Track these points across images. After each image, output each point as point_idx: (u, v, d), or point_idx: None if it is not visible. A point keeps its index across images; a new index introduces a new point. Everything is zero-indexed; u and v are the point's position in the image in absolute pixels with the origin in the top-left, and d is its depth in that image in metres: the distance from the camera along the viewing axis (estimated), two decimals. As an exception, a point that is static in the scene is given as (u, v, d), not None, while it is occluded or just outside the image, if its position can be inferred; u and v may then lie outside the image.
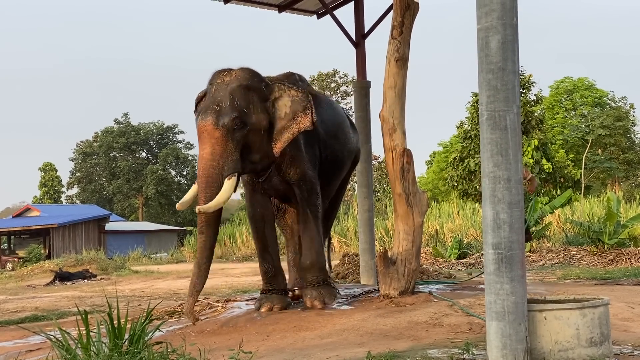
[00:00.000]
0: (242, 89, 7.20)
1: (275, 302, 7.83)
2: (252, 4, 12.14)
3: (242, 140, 7.13)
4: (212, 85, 7.30)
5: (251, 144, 7.25)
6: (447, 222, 26.41)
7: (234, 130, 7.05)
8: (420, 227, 7.88)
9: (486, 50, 4.74)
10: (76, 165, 60.88)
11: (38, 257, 32.47)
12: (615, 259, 14.53)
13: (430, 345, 5.70)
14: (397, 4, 7.83)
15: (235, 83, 7.21)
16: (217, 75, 7.34)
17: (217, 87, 7.24)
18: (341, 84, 50.97)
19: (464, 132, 32.91)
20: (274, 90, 7.45)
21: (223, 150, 7.02)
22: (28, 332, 7.76)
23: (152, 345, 5.17)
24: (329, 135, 8.26)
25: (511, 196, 4.68)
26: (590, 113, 44.19)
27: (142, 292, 15.25)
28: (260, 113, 7.26)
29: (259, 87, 7.37)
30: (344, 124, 8.83)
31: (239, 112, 7.07)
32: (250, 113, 7.17)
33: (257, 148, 7.30)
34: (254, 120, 7.19)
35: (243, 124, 7.10)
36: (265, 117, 7.29)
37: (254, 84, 7.32)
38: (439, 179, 45.88)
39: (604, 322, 4.93)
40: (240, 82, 7.22)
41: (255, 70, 7.52)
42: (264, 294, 7.96)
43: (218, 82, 7.27)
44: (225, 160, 7.03)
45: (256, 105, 7.26)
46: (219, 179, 7.01)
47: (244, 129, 7.11)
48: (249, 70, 7.42)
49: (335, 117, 8.64)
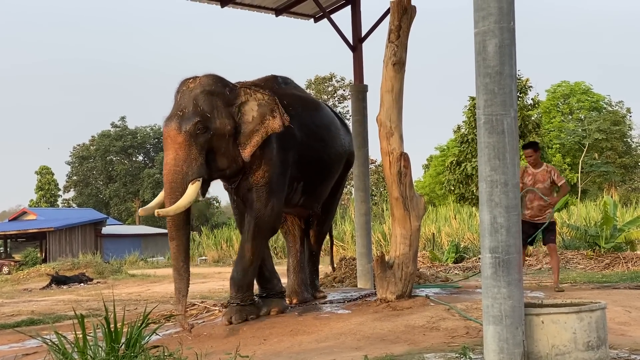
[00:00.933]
0: (205, 95, 7.20)
1: (272, 305, 7.83)
2: (249, 7, 12.13)
3: (206, 145, 7.13)
4: (178, 93, 7.33)
5: (217, 149, 7.25)
6: (444, 226, 26.42)
7: (197, 135, 7.06)
8: (418, 231, 7.88)
9: (483, 54, 4.74)
10: (73, 169, 60.83)
11: (34, 261, 32.42)
12: (612, 263, 14.52)
13: (428, 349, 5.70)
14: (394, 7, 7.84)
15: (199, 89, 7.22)
16: (183, 83, 7.36)
17: (181, 94, 7.27)
18: (338, 87, 51.03)
19: (461, 136, 32.97)
20: (240, 94, 7.42)
21: (186, 155, 7.04)
22: (24, 336, 7.74)
23: (149, 349, 5.17)
24: (313, 138, 8.15)
25: (508, 200, 4.67)
26: (587, 117, 44.25)
27: (139, 295, 15.24)
28: (224, 118, 7.23)
29: (223, 92, 7.35)
30: (332, 126, 8.68)
31: (201, 116, 7.08)
32: (213, 118, 7.16)
33: (223, 153, 7.29)
34: (217, 124, 7.18)
35: (206, 128, 7.09)
36: (230, 121, 7.27)
37: (217, 89, 7.31)
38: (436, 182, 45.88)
39: (601, 326, 4.93)
40: (203, 88, 7.23)
41: (220, 76, 7.50)
42: (260, 298, 7.96)
43: (183, 89, 7.29)
44: (189, 165, 7.05)
45: (220, 110, 7.24)
46: (182, 184, 7.03)
47: (207, 133, 7.10)
48: (213, 76, 7.42)
49: (321, 119, 8.53)
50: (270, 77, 8.29)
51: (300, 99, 8.28)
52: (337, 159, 8.68)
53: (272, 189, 7.58)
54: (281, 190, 7.73)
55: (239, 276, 7.62)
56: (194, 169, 7.05)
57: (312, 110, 8.47)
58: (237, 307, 7.54)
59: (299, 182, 8.10)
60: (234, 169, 7.45)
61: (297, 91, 8.51)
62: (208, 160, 7.19)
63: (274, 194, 7.61)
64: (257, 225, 7.58)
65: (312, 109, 8.50)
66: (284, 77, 8.49)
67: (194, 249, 36.13)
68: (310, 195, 8.37)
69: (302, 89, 8.96)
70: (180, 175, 7.04)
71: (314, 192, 8.43)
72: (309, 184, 8.24)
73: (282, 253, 32.24)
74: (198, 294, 14.29)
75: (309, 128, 8.12)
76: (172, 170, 7.07)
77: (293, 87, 8.51)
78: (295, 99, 8.14)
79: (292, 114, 7.68)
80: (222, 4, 11.76)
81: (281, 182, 7.71)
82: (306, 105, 8.37)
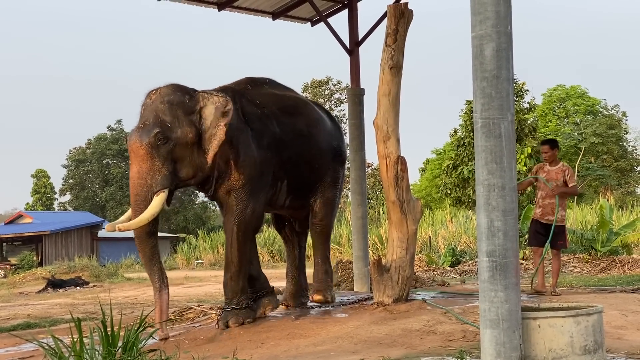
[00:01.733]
0: (165, 105, 7.15)
1: (265, 304, 7.85)
2: (246, 11, 12.14)
3: (169, 156, 7.10)
4: (142, 106, 7.32)
5: (181, 159, 7.21)
6: (441, 230, 26.44)
7: (159, 147, 7.02)
8: (414, 235, 7.88)
9: (480, 58, 4.75)
10: (69, 172, 60.65)
11: (30, 264, 32.39)
12: (608, 266, 14.55)
13: (424, 352, 5.70)
14: (391, 11, 7.84)
15: (159, 100, 7.18)
16: (147, 95, 7.33)
17: (144, 107, 7.25)
18: (335, 91, 51.02)
19: (458, 140, 32.92)
20: (199, 100, 7.33)
21: (149, 167, 7.03)
22: (20, 340, 7.71)
23: (146, 352, 5.17)
24: (292, 136, 8.03)
25: (505, 204, 4.68)
26: (583, 121, 44.37)
27: (135, 299, 15.23)
28: (185, 126, 7.15)
29: (182, 100, 7.26)
30: (316, 123, 8.51)
31: (161, 127, 7.03)
32: (174, 127, 7.11)
33: (188, 162, 7.25)
34: (178, 134, 7.12)
35: (167, 139, 7.04)
36: (192, 129, 7.19)
37: (176, 98, 7.23)
38: (432, 186, 45.94)
39: (598, 330, 4.94)
40: (162, 99, 7.19)
41: (181, 85, 7.45)
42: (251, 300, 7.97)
43: (147, 101, 7.27)
44: (153, 177, 7.04)
45: (181, 119, 7.16)
46: (147, 197, 7.03)
47: (168, 144, 7.06)
48: (172, 86, 7.37)
49: (303, 116, 8.36)
50: (244, 79, 8.28)
51: (278, 98, 8.18)
52: (323, 157, 8.46)
53: (251, 190, 7.53)
54: (261, 190, 7.68)
55: (231, 282, 7.62)
56: (157, 181, 7.05)
57: (291, 108, 8.31)
58: (233, 312, 7.54)
59: (282, 182, 8.01)
60: (201, 176, 7.41)
61: (277, 90, 8.38)
62: (175, 169, 7.19)
63: (254, 196, 7.57)
64: (239, 229, 7.54)
65: (292, 107, 8.34)
66: (262, 78, 8.45)
67: (190, 252, 36.14)
68: (297, 195, 8.28)
69: (285, 88, 8.68)
70: (144, 187, 7.05)
71: (300, 192, 8.32)
72: (293, 183, 8.14)
73: (278, 256, 32.27)
74: (195, 298, 14.30)
75: (288, 126, 8.03)
76: (136, 183, 7.09)
77: (273, 87, 8.41)
78: (271, 98, 8.08)
79: (266, 112, 7.78)
80: (219, 7, 11.78)
81: (260, 183, 7.65)
82: (285, 104, 8.23)
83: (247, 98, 7.84)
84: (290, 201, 8.31)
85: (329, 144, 8.63)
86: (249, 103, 7.81)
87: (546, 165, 8.81)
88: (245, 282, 7.69)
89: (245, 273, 7.68)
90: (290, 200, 8.29)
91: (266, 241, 33.02)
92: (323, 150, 8.48)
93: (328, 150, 8.57)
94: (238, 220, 7.52)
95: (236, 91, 7.81)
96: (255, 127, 7.67)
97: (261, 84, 8.33)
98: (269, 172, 7.74)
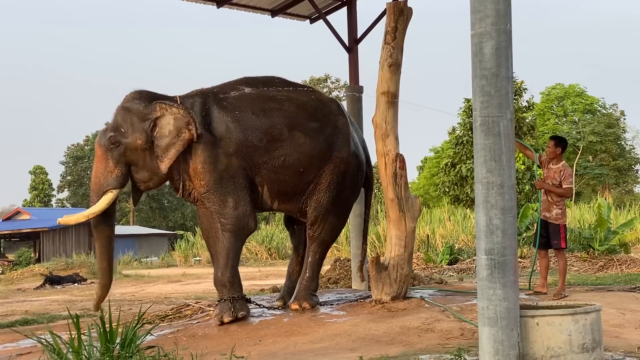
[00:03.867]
0: (123, 110, 7.71)
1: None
2: (245, 8, 12.12)
3: (121, 159, 7.64)
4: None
5: (134, 163, 7.71)
6: (438, 228, 26.46)
7: (112, 149, 7.61)
8: (413, 233, 7.89)
9: (480, 56, 4.75)
10: (67, 169, 60.69)
11: (28, 261, 32.34)
12: (606, 265, 14.55)
13: (422, 350, 5.71)
14: (390, 9, 7.85)
15: (121, 105, 7.76)
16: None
17: (114, 110, 7.85)
18: (333, 89, 51.04)
19: (456, 138, 32.96)
20: (155, 110, 7.68)
21: (104, 167, 7.66)
22: (18, 336, 7.72)
23: (144, 349, 5.17)
24: (270, 139, 7.86)
25: (504, 202, 4.68)
26: (581, 120, 44.43)
27: (133, 296, 15.23)
28: (136, 132, 7.61)
29: (138, 107, 7.69)
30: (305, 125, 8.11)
31: (115, 131, 7.61)
32: (126, 133, 7.61)
33: (142, 166, 7.72)
34: (129, 139, 7.60)
35: (118, 142, 7.60)
36: (142, 136, 7.61)
37: (132, 105, 7.70)
38: (430, 184, 45.98)
39: (596, 328, 4.94)
40: (122, 104, 7.75)
41: (145, 92, 7.88)
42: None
43: (118, 104, 7.82)
44: (105, 177, 7.64)
45: (135, 125, 7.63)
46: (99, 194, 7.67)
47: (120, 147, 7.60)
48: (135, 92, 7.84)
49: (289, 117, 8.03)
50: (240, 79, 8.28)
51: (255, 102, 8.01)
52: (310, 159, 8.07)
53: (221, 192, 7.70)
54: (238, 190, 7.75)
55: (219, 275, 7.78)
56: (108, 181, 7.63)
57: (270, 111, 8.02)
58: (225, 305, 7.63)
59: (262, 187, 7.94)
60: (157, 180, 7.88)
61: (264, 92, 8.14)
62: (130, 172, 7.75)
63: (227, 194, 7.71)
64: (223, 225, 7.76)
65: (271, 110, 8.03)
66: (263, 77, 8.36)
67: (188, 249, 36.13)
68: (285, 198, 8.13)
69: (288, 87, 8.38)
70: (97, 185, 7.70)
71: (287, 196, 8.12)
72: (276, 188, 8.00)
73: (276, 254, 32.28)
74: (192, 295, 14.31)
75: (262, 130, 7.86)
76: (92, 181, 7.79)
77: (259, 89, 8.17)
78: (247, 102, 7.97)
79: (237, 117, 7.81)
80: (218, 4, 11.76)
81: (231, 184, 7.72)
82: (262, 107, 8.00)
83: (220, 104, 7.90)
84: (279, 204, 8.20)
85: (319, 146, 8.13)
86: (220, 109, 7.86)
87: (552, 163, 8.57)
88: (234, 276, 7.79)
89: (233, 268, 7.79)
90: (278, 203, 8.18)
91: (264, 239, 33.03)
92: (309, 153, 8.06)
93: (317, 153, 8.10)
94: (219, 218, 7.75)
95: (208, 96, 7.94)
96: (221, 133, 7.75)
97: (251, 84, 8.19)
98: (237, 175, 7.77)
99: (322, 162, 8.13)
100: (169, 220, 54.53)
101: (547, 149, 8.70)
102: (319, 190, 8.17)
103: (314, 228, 8.29)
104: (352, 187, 8.57)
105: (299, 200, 8.20)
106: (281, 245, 32.18)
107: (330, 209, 8.27)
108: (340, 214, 8.54)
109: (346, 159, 8.27)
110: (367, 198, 9.38)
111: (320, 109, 8.33)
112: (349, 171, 8.35)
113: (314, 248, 8.37)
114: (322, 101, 8.52)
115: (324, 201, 8.20)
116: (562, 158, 8.68)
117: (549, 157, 8.59)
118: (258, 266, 26.98)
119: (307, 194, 8.18)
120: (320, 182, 8.16)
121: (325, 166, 8.15)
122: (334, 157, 8.19)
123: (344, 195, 8.42)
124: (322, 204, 8.20)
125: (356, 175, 8.57)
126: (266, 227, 36.57)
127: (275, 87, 8.28)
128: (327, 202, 8.21)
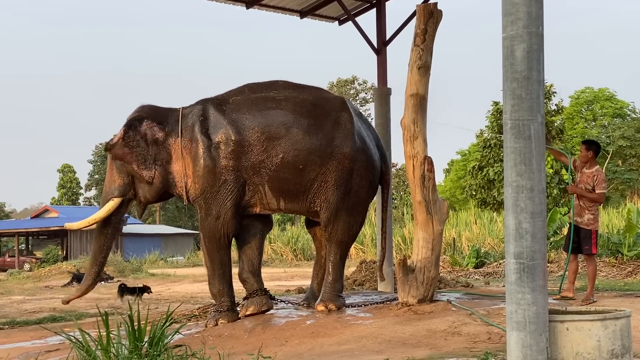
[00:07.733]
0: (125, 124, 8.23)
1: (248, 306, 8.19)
2: (274, 9, 12.16)
3: (122, 169, 8.24)
4: None
5: (133, 175, 8.26)
6: (465, 231, 26.33)
7: (115, 160, 8.26)
8: (440, 235, 7.85)
9: (511, 59, 4.72)
10: (95, 168, 61.19)
11: (55, 258, 32.69)
12: (635, 270, 14.39)
13: (449, 354, 5.68)
14: (420, 11, 7.81)
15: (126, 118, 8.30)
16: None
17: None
18: (360, 90, 51.03)
19: (484, 141, 32.83)
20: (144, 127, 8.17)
21: (110, 175, 8.36)
22: (46, 333, 7.79)
23: (172, 348, 5.19)
24: (266, 138, 7.88)
25: (534, 206, 4.65)
26: (611, 124, 43.96)
27: (159, 295, 15.34)
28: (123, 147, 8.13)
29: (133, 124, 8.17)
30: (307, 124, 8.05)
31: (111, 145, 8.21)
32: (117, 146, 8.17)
33: (139, 179, 8.24)
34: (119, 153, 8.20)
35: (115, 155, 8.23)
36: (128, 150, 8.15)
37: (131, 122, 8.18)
38: (456, 187, 45.78)
39: (626, 334, 4.90)
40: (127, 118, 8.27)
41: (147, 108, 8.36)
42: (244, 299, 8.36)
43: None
44: (110, 185, 8.35)
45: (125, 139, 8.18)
46: (105, 200, 8.39)
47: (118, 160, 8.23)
48: (140, 108, 8.37)
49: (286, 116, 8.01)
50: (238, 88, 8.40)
51: (255, 104, 8.07)
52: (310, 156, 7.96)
53: (210, 198, 7.98)
54: (225, 197, 7.95)
55: (210, 286, 8.30)
56: (112, 189, 8.31)
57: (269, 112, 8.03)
58: (214, 314, 8.08)
59: (263, 186, 7.96)
60: (153, 192, 8.31)
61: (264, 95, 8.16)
62: (133, 183, 8.30)
63: (216, 203, 7.96)
64: (205, 236, 8.14)
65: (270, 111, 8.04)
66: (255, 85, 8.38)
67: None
68: (290, 197, 8.09)
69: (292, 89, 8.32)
70: (104, 193, 8.45)
71: (290, 194, 8.08)
72: (278, 186, 7.99)
73: (301, 255, 32.30)
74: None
75: (258, 131, 7.90)
76: (103, 188, 8.52)
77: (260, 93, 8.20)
78: (246, 105, 8.07)
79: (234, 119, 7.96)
80: (247, 5, 11.81)
81: (222, 190, 7.93)
82: (261, 108, 8.04)
83: (218, 108, 8.12)
84: (285, 204, 8.15)
85: (318, 142, 8.01)
86: (218, 113, 8.08)
87: (584, 167, 8.44)
88: (222, 286, 8.16)
89: (221, 277, 8.16)
90: (285, 203, 8.14)
91: (289, 240, 33.11)
92: (308, 149, 7.96)
93: (315, 149, 8.00)
94: (202, 227, 8.14)
95: (208, 103, 8.21)
96: (216, 137, 7.93)
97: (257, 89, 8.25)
98: (232, 179, 7.91)
99: (323, 159, 8.02)
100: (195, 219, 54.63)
101: (580, 152, 8.59)
102: (326, 188, 8.07)
103: (328, 229, 8.22)
104: (363, 185, 8.32)
105: (305, 199, 8.12)
106: (307, 247, 32.20)
107: (342, 208, 8.15)
108: (354, 212, 8.34)
109: (350, 155, 8.10)
110: (383, 196, 9.37)
111: (320, 106, 8.23)
112: (355, 168, 8.16)
113: (333, 249, 8.32)
114: (325, 98, 8.43)
115: (333, 200, 8.09)
116: (596, 162, 8.54)
117: (581, 162, 8.48)
118: (283, 267, 27.03)
119: (313, 193, 8.09)
120: (325, 180, 8.05)
121: (327, 163, 8.03)
122: (335, 153, 8.05)
123: (355, 193, 8.23)
124: (332, 203, 8.09)
125: (366, 172, 8.33)
126: (292, 228, 36.62)
127: (277, 89, 8.28)
128: (337, 201, 8.10)
